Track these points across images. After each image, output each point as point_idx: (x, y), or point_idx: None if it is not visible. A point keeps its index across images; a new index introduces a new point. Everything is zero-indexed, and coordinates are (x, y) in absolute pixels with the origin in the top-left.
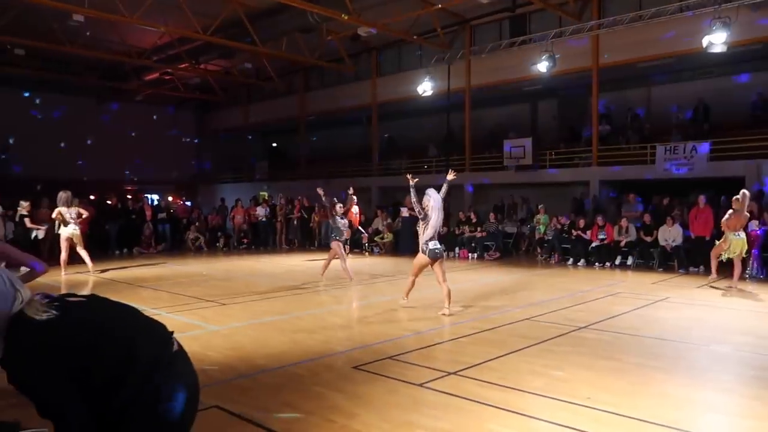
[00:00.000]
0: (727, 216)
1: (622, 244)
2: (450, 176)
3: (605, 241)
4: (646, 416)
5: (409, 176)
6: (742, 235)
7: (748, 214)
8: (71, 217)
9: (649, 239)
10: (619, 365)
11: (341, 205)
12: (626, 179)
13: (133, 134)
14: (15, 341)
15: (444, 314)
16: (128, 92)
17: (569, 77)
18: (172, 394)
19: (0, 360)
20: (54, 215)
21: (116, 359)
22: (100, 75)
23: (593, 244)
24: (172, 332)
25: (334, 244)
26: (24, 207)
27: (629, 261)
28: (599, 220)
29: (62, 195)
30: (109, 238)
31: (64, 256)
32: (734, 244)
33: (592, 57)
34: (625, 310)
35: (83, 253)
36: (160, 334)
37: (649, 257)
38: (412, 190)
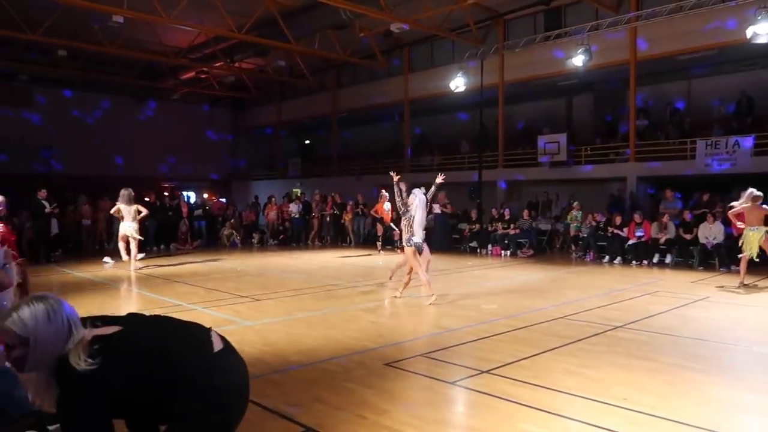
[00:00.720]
0: (737, 210)
1: (662, 241)
2: (439, 179)
3: (643, 239)
4: (684, 418)
5: (393, 173)
6: (759, 229)
7: (766, 207)
8: (130, 215)
9: (688, 237)
10: (656, 366)
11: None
12: (665, 175)
13: (170, 132)
14: (64, 383)
15: (432, 303)
16: (165, 91)
17: (606, 71)
18: (216, 395)
19: (57, 403)
20: (113, 211)
21: (160, 384)
22: (139, 74)
23: (630, 242)
24: (209, 329)
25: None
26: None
27: (667, 259)
28: (637, 217)
29: (123, 192)
30: (146, 235)
31: (124, 249)
32: (750, 238)
33: (629, 50)
34: (662, 309)
35: (134, 250)
36: (198, 340)
37: (689, 255)
38: (395, 187)
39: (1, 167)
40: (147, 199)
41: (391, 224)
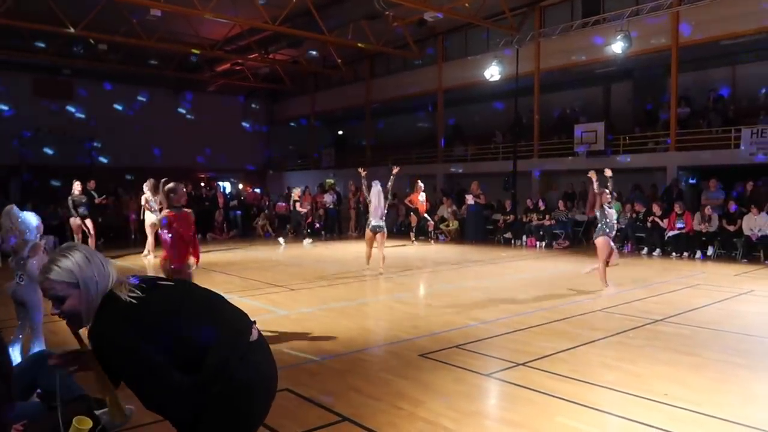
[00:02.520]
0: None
1: (704, 231)
2: (395, 170)
3: (684, 230)
4: (729, 415)
5: (361, 170)
6: None
7: None
8: (157, 204)
9: (732, 228)
10: (699, 361)
11: (607, 192)
12: (707, 164)
13: (206, 124)
14: (101, 316)
15: (380, 273)
16: (201, 83)
17: (646, 57)
18: (245, 384)
19: (88, 332)
20: (142, 201)
21: (192, 346)
22: (176, 67)
23: (670, 233)
24: (253, 321)
25: (599, 238)
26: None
27: (709, 251)
28: (678, 207)
29: (149, 182)
30: None
31: (150, 240)
32: None
33: (671, 35)
34: (705, 302)
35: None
36: (239, 323)
37: (732, 247)
38: (363, 180)
39: (48, 159)
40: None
41: (426, 215)
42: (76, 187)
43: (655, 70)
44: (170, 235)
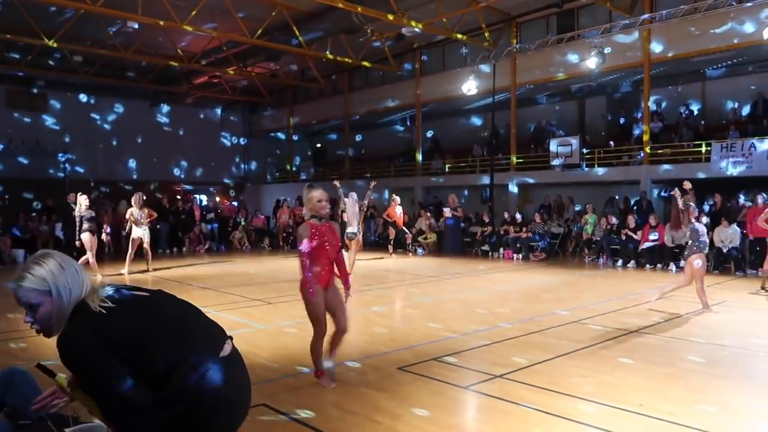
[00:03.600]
0: (766, 213)
1: (677, 243)
2: (372, 185)
3: (657, 242)
4: (705, 425)
5: (336, 182)
6: None
7: None
8: (142, 218)
9: None
10: (674, 371)
11: (693, 207)
12: (679, 178)
13: (183, 136)
14: (69, 324)
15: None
16: (179, 95)
17: (619, 73)
18: (212, 401)
19: (57, 339)
20: (127, 216)
21: (159, 361)
22: (153, 79)
23: (645, 245)
24: (229, 337)
25: (694, 258)
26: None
27: (682, 263)
28: (651, 220)
29: (136, 196)
30: (159, 238)
31: (131, 254)
32: None
33: (643, 52)
34: (678, 313)
35: (148, 254)
36: (211, 339)
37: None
38: (339, 190)
39: (20, 171)
40: (161, 200)
41: (404, 228)
42: (83, 201)
43: (628, 86)
44: (311, 252)
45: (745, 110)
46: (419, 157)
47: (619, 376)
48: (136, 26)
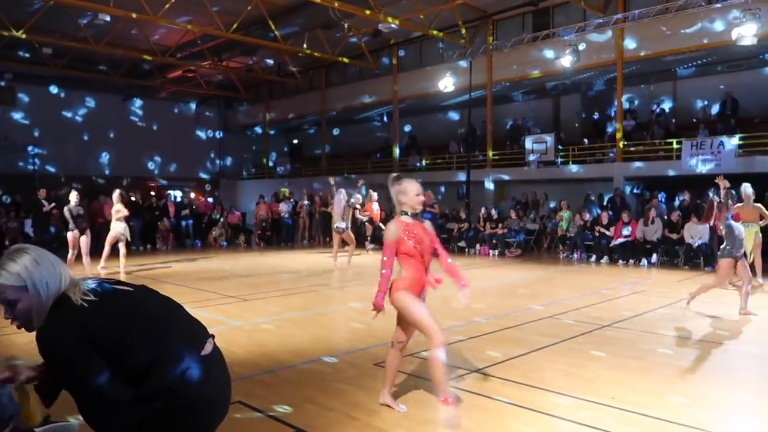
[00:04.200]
0: (734, 209)
1: (649, 239)
2: (360, 183)
3: (630, 238)
4: (674, 417)
5: (331, 180)
6: (754, 226)
7: (759, 205)
8: (118, 215)
9: (675, 236)
10: (646, 364)
11: (732, 203)
12: (651, 175)
13: (157, 131)
14: (49, 318)
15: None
16: (152, 89)
17: (593, 72)
18: (190, 400)
19: (36, 333)
20: (113, 212)
21: (138, 357)
22: (125, 73)
23: (618, 241)
24: (212, 336)
25: (726, 261)
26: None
27: (654, 259)
28: (625, 216)
29: (116, 193)
30: (132, 235)
31: (107, 250)
32: (745, 233)
33: (616, 50)
34: (650, 308)
35: (123, 250)
36: (191, 337)
37: (674, 255)
38: (332, 188)
39: None
40: (133, 198)
41: (381, 224)
42: (73, 197)
43: (602, 84)
44: (402, 255)
45: (715, 109)
46: (396, 153)
47: (592, 369)
48: (108, 18)
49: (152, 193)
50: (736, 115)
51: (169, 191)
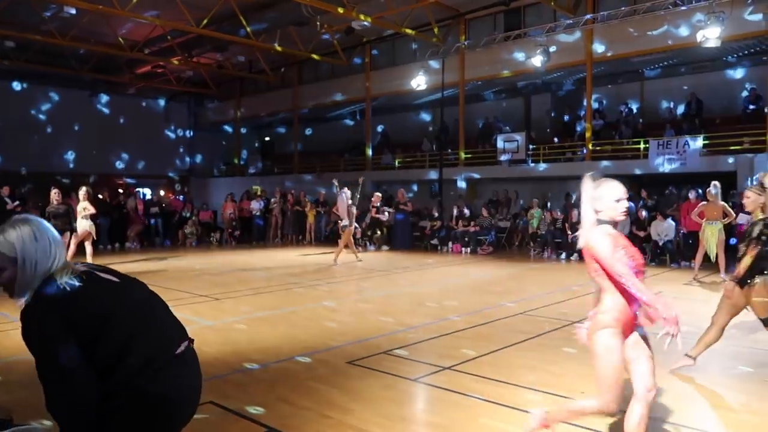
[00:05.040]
0: (699, 207)
1: None
2: (360, 180)
3: None
4: None
5: (334, 181)
6: (717, 224)
7: (724, 204)
8: (85, 212)
9: (641, 234)
10: None
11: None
12: (618, 174)
13: (125, 128)
14: (35, 297)
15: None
16: (120, 85)
17: (563, 71)
18: (155, 398)
19: (21, 311)
20: (80, 209)
21: (113, 348)
22: (92, 67)
23: None
24: (190, 339)
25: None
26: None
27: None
28: None
29: (83, 190)
30: (99, 233)
31: (73, 249)
32: (708, 231)
33: (586, 51)
34: None
35: (89, 249)
36: (165, 335)
37: (642, 252)
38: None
39: None
40: (100, 196)
41: (355, 223)
42: (54, 196)
43: (572, 84)
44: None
45: (680, 109)
46: (369, 151)
47: (563, 365)
48: (74, 11)
49: (120, 191)
50: (701, 116)
51: (137, 189)
